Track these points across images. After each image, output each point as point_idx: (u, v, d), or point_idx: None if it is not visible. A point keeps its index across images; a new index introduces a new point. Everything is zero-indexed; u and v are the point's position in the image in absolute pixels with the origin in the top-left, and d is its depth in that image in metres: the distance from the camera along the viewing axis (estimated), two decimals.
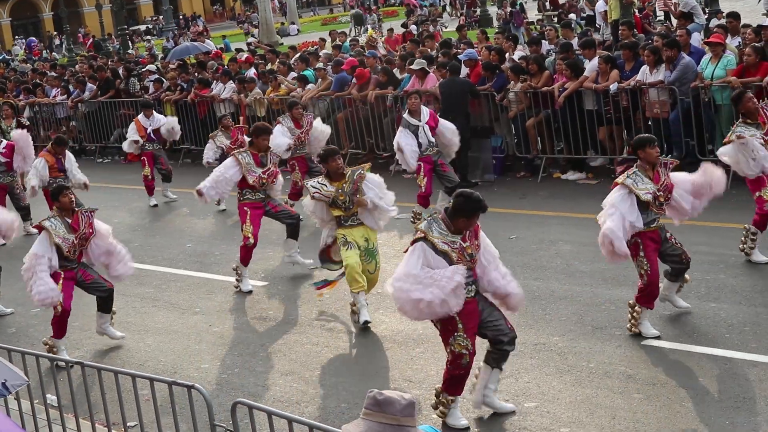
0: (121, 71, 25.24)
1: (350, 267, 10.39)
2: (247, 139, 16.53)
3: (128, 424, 7.59)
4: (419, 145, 13.79)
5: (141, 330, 11.36)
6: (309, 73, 20.22)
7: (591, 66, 15.79)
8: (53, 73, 28.17)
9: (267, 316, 11.38)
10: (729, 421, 7.60)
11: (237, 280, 12.37)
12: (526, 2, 47.68)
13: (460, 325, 7.76)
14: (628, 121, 15.44)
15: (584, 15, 35.34)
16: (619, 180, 9.29)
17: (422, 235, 7.76)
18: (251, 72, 21.62)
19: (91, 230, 10.44)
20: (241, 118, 20.47)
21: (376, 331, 10.47)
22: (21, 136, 16.31)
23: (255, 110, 20.26)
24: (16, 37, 74.61)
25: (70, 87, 25.15)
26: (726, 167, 11.50)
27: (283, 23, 60.80)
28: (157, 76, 23.51)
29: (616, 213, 9.08)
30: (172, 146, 22.45)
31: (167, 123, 18.61)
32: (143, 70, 25.30)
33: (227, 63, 23.74)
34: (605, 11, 26.02)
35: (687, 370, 8.54)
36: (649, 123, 15.13)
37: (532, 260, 12.16)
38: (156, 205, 18.01)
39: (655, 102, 14.88)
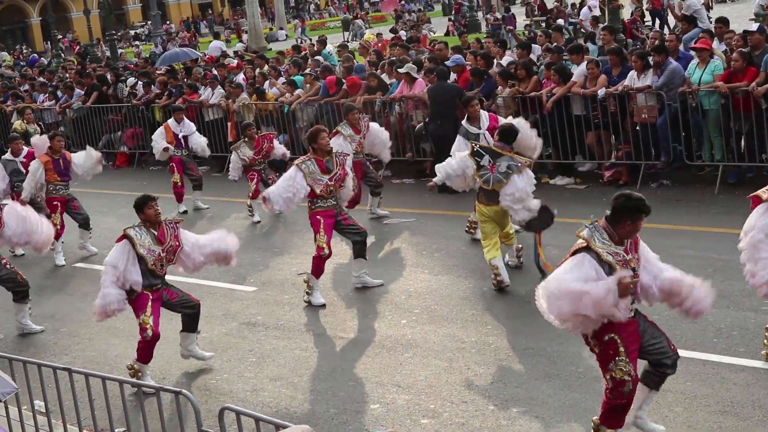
0: (109, 77, 25.19)
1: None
2: (277, 145, 16.55)
3: (116, 430, 7.57)
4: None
5: (129, 336, 11.30)
6: (299, 78, 20.20)
7: (579, 71, 15.82)
8: (41, 79, 28.11)
9: (256, 321, 11.36)
10: (717, 426, 7.62)
11: (307, 293, 11.64)
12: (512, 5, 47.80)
13: (621, 349, 7.05)
14: (616, 126, 15.48)
15: (572, 20, 35.44)
16: (764, 196, 8.28)
17: (585, 244, 7.05)
18: (240, 77, 21.60)
19: (177, 243, 9.74)
20: (229, 123, 20.46)
21: (365, 336, 10.47)
22: (39, 141, 15.62)
23: (243, 116, 20.24)
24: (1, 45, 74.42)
25: (58, 92, 25.10)
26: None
27: (271, 29, 60.83)
28: (146, 80, 23.45)
29: None
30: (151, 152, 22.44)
31: (201, 142, 17.68)
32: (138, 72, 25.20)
33: (215, 68, 23.72)
34: (593, 17, 26.13)
35: (675, 374, 8.54)
36: (637, 128, 15.17)
37: (522, 265, 12.15)
38: (186, 212, 17.26)
39: (642, 107, 14.91)
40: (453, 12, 54.77)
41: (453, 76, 17.38)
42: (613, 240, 7.07)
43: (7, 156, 15.69)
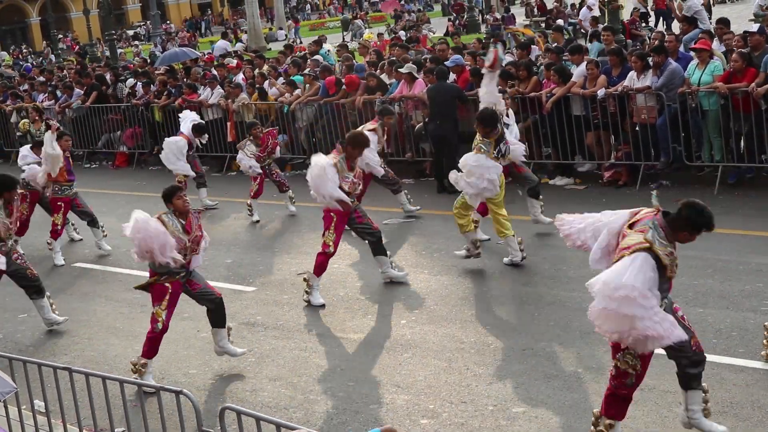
0: (108, 76, 25.20)
1: None
2: (280, 140, 16.58)
3: (116, 429, 7.57)
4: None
5: (129, 335, 11.33)
6: (298, 78, 20.21)
7: (578, 71, 15.83)
8: (41, 78, 28.11)
9: (255, 321, 11.37)
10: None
11: (306, 292, 11.61)
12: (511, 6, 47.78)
13: None
14: (615, 126, 15.49)
15: (571, 21, 35.45)
16: None
17: (647, 245, 6.87)
18: (239, 77, 21.61)
19: (201, 233, 9.81)
20: (228, 123, 20.47)
21: (364, 336, 10.48)
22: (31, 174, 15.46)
23: (243, 115, 20.25)
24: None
25: (58, 92, 25.10)
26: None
27: (270, 29, 60.83)
28: (145, 80, 23.44)
29: None
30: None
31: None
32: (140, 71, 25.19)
33: (215, 67, 23.72)
34: (593, 17, 26.13)
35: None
36: (637, 128, 15.18)
37: (520, 266, 12.16)
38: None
39: (642, 107, 14.92)
40: (453, 10, 54.78)
41: (452, 76, 17.38)
42: (668, 239, 7.06)
43: (26, 155, 15.72)
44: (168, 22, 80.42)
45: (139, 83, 23.38)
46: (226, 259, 13.50)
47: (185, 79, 22.68)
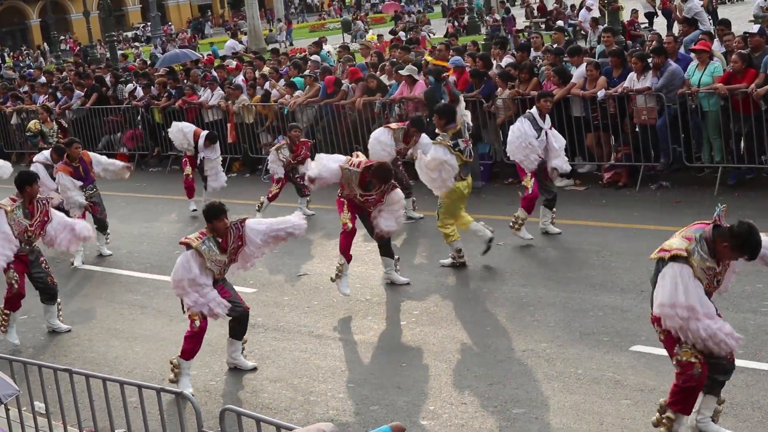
0: (108, 78, 25.21)
1: None
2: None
3: (116, 431, 7.58)
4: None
5: (129, 337, 11.34)
6: (299, 80, 20.22)
7: (578, 73, 15.84)
8: (42, 79, 28.11)
9: (255, 322, 11.35)
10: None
11: (337, 275, 11.68)
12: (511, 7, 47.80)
13: None
14: (615, 127, 15.49)
15: (571, 22, 35.48)
16: None
17: (685, 255, 6.94)
18: (239, 79, 21.61)
19: (241, 243, 9.56)
20: (229, 125, 20.47)
21: (365, 337, 10.48)
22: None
23: (243, 117, 20.27)
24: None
25: (58, 94, 25.10)
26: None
27: (271, 30, 60.86)
28: (145, 81, 23.45)
29: None
30: (160, 153, 22.45)
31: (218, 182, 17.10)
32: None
33: (215, 69, 23.73)
34: (592, 18, 26.15)
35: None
36: (637, 129, 15.19)
37: (520, 267, 12.18)
38: (195, 210, 17.04)
39: (642, 108, 14.93)
40: (451, 14, 54.84)
41: (452, 77, 17.37)
42: (711, 255, 7.02)
43: (44, 158, 15.21)
44: (169, 23, 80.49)
45: (138, 87, 23.36)
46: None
47: (185, 81, 22.68)
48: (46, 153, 15.33)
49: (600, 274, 11.58)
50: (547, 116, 13.09)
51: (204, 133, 17.01)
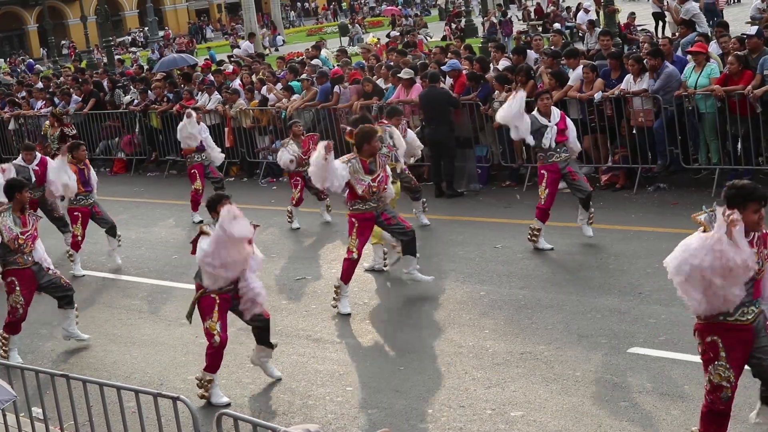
0: (105, 83, 25.20)
1: None
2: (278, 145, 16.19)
3: None
4: (542, 147, 12.68)
5: (127, 342, 11.34)
6: (296, 84, 20.23)
7: (575, 75, 15.85)
8: (39, 85, 28.11)
9: None
10: None
11: (335, 299, 11.34)
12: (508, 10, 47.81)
13: (722, 353, 6.79)
14: (612, 130, 15.49)
15: (568, 24, 35.52)
16: None
17: (702, 229, 6.89)
18: (236, 83, 21.61)
19: (252, 249, 9.20)
20: (226, 129, 20.47)
21: (363, 341, 10.48)
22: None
23: (240, 121, 20.27)
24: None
25: (56, 99, 25.09)
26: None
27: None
28: (142, 87, 23.43)
29: None
30: (157, 158, 22.44)
31: (215, 153, 16.89)
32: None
33: (212, 73, 23.73)
34: (589, 21, 26.13)
35: (672, 378, 8.57)
36: (634, 132, 15.19)
37: (518, 269, 12.18)
38: (201, 221, 16.94)
39: (639, 111, 14.94)
40: (448, 18, 54.82)
41: (449, 80, 17.39)
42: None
43: (19, 161, 15.06)
44: (166, 28, 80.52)
45: (135, 92, 23.34)
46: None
47: (183, 85, 22.68)
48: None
49: (598, 276, 11.58)
50: (554, 111, 12.81)
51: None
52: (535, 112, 12.84)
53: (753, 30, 15.19)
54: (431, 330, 10.51)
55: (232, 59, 31.08)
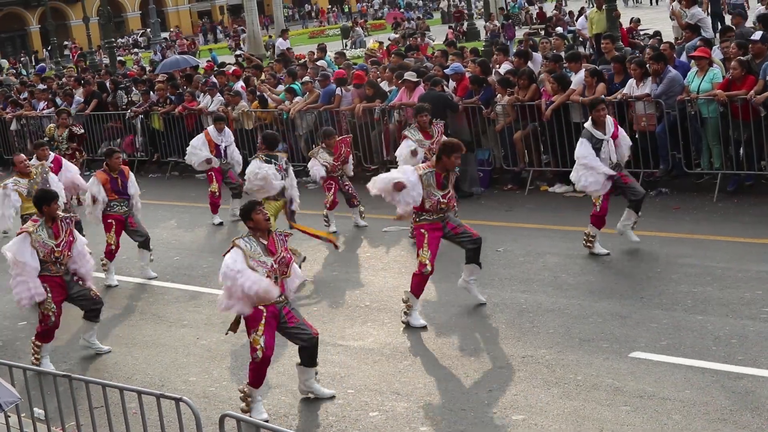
0: (108, 84, 25.22)
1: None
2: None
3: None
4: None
5: (129, 343, 11.34)
6: (297, 86, 20.24)
7: (577, 79, 15.85)
8: (41, 86, 28.13)
9: None
10: None
11: (405, 313, 10.77)
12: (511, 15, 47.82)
13: None
14: None
15: (570, 29, 35.53)
16: None
17: None
18: (239, 85, 21.62)
19: (289, 255, 8.94)
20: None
21: (364, 343, 10.48)
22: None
23: (242, 123, 20.27)
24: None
25: (58, 99, 25.11)
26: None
27: (270, 36, 60.87)
28: (145, 88, 23.45)
29: None
30: (159, 159, 22.46)
31: (238, 156, 16.78)
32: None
33: (214, 75, 23.74)
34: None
35: (674, 382, 8.57)
36: (636, 136, 15.18)
37: (519, 273, 12.18)
38: (221, 223, 16.70)
39: (641, 115, 14.94)
40: (453, 20, 54.91)
41: (452, 83, 17.40)
42: None
43: (33, 162, 14.63)
44: (171, 30, 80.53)
45: (137, 93, 23.37)
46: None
47: (185, 87, 22.69)
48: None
49: (599, 280, 11.58)
50: (608, 121, 12.34)
51: (210, 128, 16.89)
52: (589, 125, 12.33)
53: (757, 35, 15.19)
54: (433, 333, 10.51)
55: (239, 58, 31.07)
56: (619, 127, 12.68)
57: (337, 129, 18.76)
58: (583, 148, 12.23)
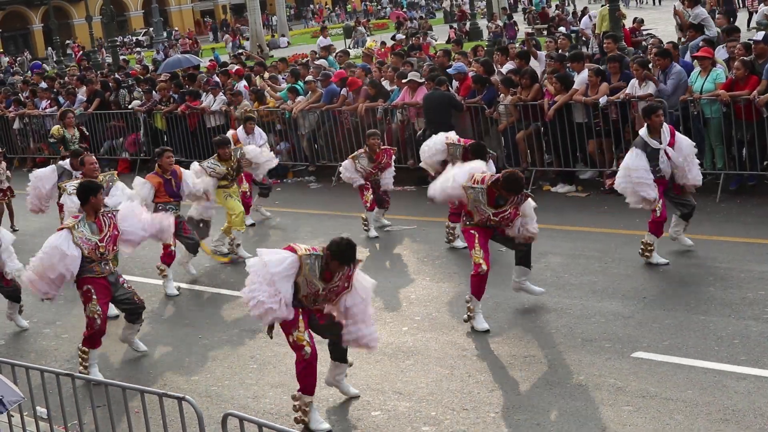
0: (110, 83, 25.23)
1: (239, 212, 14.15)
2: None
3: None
4: (656, 170, 11.61)
5: None
6: (300, 86, 20.24)
7: (580, 79, 15.85)
8: (43, 84, 28.13)
9: (257, 328, 11.34)
10: None
11: (469, 316, 10.52)
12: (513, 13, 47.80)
13: None
14: (617, 134, 15.49)
15: (573, 28, 35.51)
16: None
17: None
18: (241, 85, 21.62)
19: (349, 284, 8.52)
20: (231, 130, 20.46)
21: None
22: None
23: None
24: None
25: (60, 98, 25.11)
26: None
27: (273, 35, 60.96)
28: (147, 87, 23.45)
29: None
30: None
31: (268, 160, 15.15)
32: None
33: (217, 74, 23.76)
34: (594, 25, 26.11)
35: (676, 382, 8.57)
36: None
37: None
38: (253, 224, 16.28)
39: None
40: (456, 20, 54.93)
41: (455, 83, 17.40)
42: None
43: (65, 165, 14.41)
44: (176, 29, 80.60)
45: (140, 92, 23.37)
46: (227, 266, 13.52)
47: (188, 86, 22.69)
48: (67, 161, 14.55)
49: (602, 280, 11.58)
50: (665, 128, 11.68)
51: (238, 129, 16.63)
52: (644, 132, 11.72)
53: (760, 35, 15.19)
54: (435, 332, 10.51)
55: (240, 56, 31.06)
56: (677, 133, 12.05)
57: (339, 129, 18.80)
58: (636, 160, 11.53)
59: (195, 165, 14.08)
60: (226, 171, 14.02)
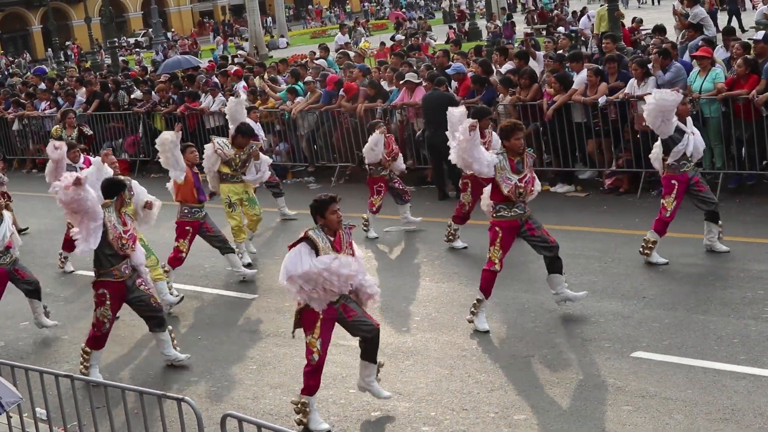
0: (109, 84, 25.21)
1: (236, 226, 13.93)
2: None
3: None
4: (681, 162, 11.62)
5: (130, 343, 11.34)
6: (300, 86, 20.24)
7: (579, 79, 15.85)
8: (42, 86, 28.12)
9: (256, 329, 11.37)
10: None
11: (472, 312, 10.46)
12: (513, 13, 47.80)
13: None
14: (616, 133, 15.50)
15: (572, 28, 35.50)
16: None
17: None
18: (240, 85, 21.62)
19: (352, 252, 8.56)
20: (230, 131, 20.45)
21: None
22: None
23: None
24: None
25: (59, 99, 25.10)
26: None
27: (272, 36, 60.96)
28: (146, 88, 23.45)
29: None
30: (154, 159, 22.41)
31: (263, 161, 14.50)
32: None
33: (216, 75, 23.75)
34: (593, 25, 26.14)
35: (676, 382, 8.57)
36: (638, 136, 15.18)
37: (521, 272, 12.17)
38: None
39: (643, 115, 14.91)
40: (455, 20, 54.95)
41: (454, 83, 17.40)
42: None
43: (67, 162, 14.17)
44: (173, 30, 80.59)
45: (138, 92, 23.38)
46: (227, 266, 13.50)
47: (187, 87, 22.69)
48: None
49: (601, 280, 11.58)
50: (689, 120, 11.79)
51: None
52: (675, 119, 11.58)
53: (760, 35, 15.19)
54: (434, 333, 10.51)
55: (240, 56, 31.05)
56: (691, 124, 12.02)
57: (339, 129, 18.79)
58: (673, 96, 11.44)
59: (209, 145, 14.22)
60: (232, 157, 13.87)
